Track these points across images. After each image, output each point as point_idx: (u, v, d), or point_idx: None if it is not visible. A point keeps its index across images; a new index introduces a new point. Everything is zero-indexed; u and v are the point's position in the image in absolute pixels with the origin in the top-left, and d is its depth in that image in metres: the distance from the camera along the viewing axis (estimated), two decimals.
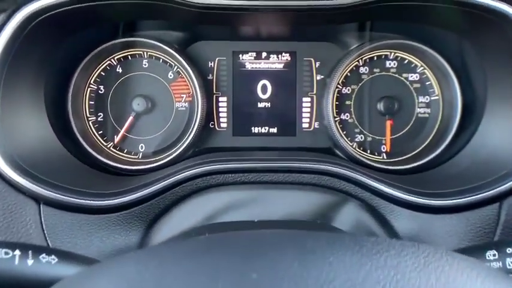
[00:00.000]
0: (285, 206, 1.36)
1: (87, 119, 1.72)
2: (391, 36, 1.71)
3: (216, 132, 1.76)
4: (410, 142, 1.75)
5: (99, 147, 1.71)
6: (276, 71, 1.77)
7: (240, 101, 1.77)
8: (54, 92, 1.57)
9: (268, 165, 1.43)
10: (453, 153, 1.63)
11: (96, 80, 1.72)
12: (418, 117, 1.76)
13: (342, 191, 1.40)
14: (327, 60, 1.75)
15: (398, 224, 1.37)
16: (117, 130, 1.72)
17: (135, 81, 1.72)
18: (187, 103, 1.73)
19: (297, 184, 1.41)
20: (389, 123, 1.73)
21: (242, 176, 1.41)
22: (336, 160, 1.52)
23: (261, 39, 1.75)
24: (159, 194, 1.36)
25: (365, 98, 1.75)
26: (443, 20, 1.49)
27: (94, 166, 1.61)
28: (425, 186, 1.43)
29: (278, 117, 1.78)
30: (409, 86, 1.75)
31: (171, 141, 1.73)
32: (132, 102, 1.69)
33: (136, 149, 1.74)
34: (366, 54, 1.74)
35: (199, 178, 1.38)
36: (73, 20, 1.44)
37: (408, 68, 1.75)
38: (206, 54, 1.74)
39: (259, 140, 1.77)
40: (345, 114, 1.75)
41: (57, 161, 1.48)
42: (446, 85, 1.71)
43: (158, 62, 1.73)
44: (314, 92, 1.76)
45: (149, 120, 1.73)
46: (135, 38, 1.68)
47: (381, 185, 1.39)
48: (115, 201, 1.33)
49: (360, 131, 1.76)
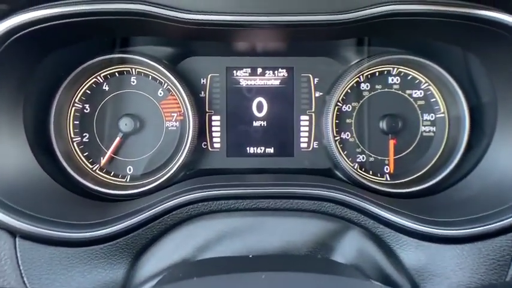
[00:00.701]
0: (283, 235, 1.29)
1: (72, 140, 1.63)
2: (393, 51, 1.64)
3: (209, 153, 1.68)
4: (415, 163, 1.68)
5: (83, 170, 1.62)
6: (272, 87, 1.70)
7: (234, 120, 1.69)
8: (35, 111, 1.49)
9: (264, 191, 1.35)
10: (461, 176, 1.55)
11: (81, 98, 1.64)
12: (423, 136, 1.68)
13: (343, 218, 1.33)
14: (326, 76, 1.68)
15: (405, 255, 1.29)
16: (103, 151, 1.64)
17: (122, 100, 1.64)
18: (178, 122, 1.66)
19: (295, 211, 1.34)
20: (393, 143, 1.66)
21: (237, 202, 1.34)
22: (337, 184, 1.44)
23: (256, 55, 1.68)
24: (146, 223, 1.29)
25: (366, 116, 1.67)
26: (450, 35, 1.41)
27: (78, 192, 1.52)
28: (433, 213, 1.34)
29: (275, 136, 1.70)
30: (413, 103, 1.68)
31: (161, 162, 1.65)
32: (120, 122, 1.61)
33: (124, 172, 1.65)
34: (367, 70, 1.66)
35: (190, 205, 1.32)
36: (56, 36, 1.36)
37: (412, 84, 1.68)
38: (198, 70, 1.67)
39: (254, 161, 1.69)
40: (345, 133, 1.68)
41: (36, 188, 1.39)
42: (453, 102, 1.64)
43: (147, 79, 1.65)
44: (313, 109, 1.69)
45: (138, 140, 1.65)
46: (122, 54, 1.61)
47: (385, 212, 1.31)
48: (99, 233, 1.25)
49: (361, 151, 1.68)
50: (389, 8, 1.25)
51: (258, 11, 1.27)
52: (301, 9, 1.27)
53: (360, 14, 1.25)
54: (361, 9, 1.25)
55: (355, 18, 1.26)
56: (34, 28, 1.25)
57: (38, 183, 1.41)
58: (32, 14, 1.23)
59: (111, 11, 1.24)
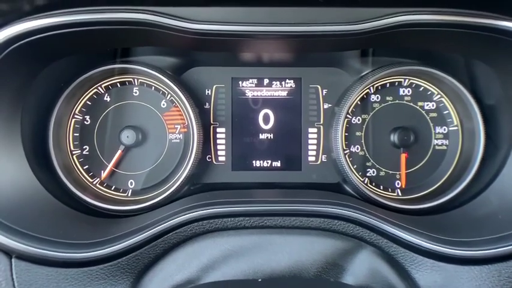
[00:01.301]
0: (291, 255, 1.24)
1: (71, 153, 1.58)
2: (404, 62, 1.59)
3: (214, 166, 1.64)
4: (427, 177, 1.63)
5: (83, 185, 1.57)
6: (279, 99, 1.65)
7: (240, 132, 1.65)
8: (33, 123, 1.44)
9: (272, 208, 1.30)
10: (477, 191, 1.49)
11: (81, 109, 1.59)
12: (436, 149, 1.64)
13: (354, 237, 1.29)
14: (335, 88, 1.63)
15: (420, 276, 1.24)
16: (104, 165, 1.59)
17: (124, 111, 1.60)
18: (182, 135, 1.61)
19: (304, 229, 1.29)
20: (404, 157, 1.60)
21: (243, 220, 1.28)
22: (347, 200, 1.40)
23: (262, 65, 1.63)
24: (149, 242, 1.24)
25: (377, 129, 1.63)
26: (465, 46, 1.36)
27: (77, 207, 1.47)
28: (449, 232, 1.29)
29: (281, 149, 1.65)
30: (425, 115, 1.64)
31: (164, 176, 1.61)
32: (121, 134, 1.56)
33: (125, 186, 1.60)
34: (378, 81, 1.62)
35: (195, 223, 1.27)
36: (57, 46, 1.32)
37: (424, 95, 1.64)
38: (203, 81, 1.63)
39: (261, 175, 1.64)
40: (355, 146, 1.63)
41: (33, 204, 1.34)
42: (466, 114, 1.59)
43: (150, 90, 1.61)
44: (321, 122, 1.64)
45: (140, 153, 1.60)
46: (124, 63, 1.56)
47: (399, 230, 1.26)
48: (99, 252, 1.19)
49: (371, 165, 1.63)
50: (405, 18, 1.21)
51: (267, 21, 1.22)
52: (312, 20, 1.23)
53: (375, 24, 1.21)
54: (376, 19, 1.20)
55: (370, 28, 1.21)
56: (34, 37, 1.21)
57: (35, 199, 1.36)
58: (32, 23, 1.19)
59: (114, 21, 1.20)
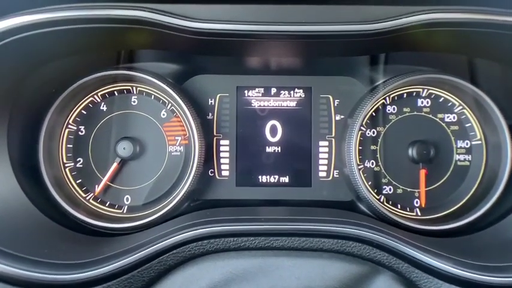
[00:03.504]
0: (300, 280, 1.15)
1: (63, 166, 1.51)
2: (422, 70, 1.50)
3: (216, 181, 1.56)
4: (449, 195, 1.54)
5: (75, 200, 1.50)
6: (287, 109, 1.58)
7: (245, 145, 1.57)
8: (22, 132, 1.38)
9: (279, 228, 1.21)
10: (506, 210, 1.40)
11: (75, 119, 1.53)
12: (457, 165, 1.54)
13: (371, 260, 1.19)
14: (347, 98, 1.56)
15: None
16: (98, 179, 1.52)
17: (121, 121, 1.53)
18: (183, 147, 1.54)
19: (314, 251, 1.20)
20: (424, 173, 1.51)
21: (247, 240, 1.20)
22: (362, 219, 1.30)
23: (270, 73, 1.57)
24: (142, 264, 1.16)
25: (393, 143, 1.54)
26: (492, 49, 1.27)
27: (67, 225, 1.39)
28: (476, 255, 1.20)
29: (290, 164, 1.57)
30: (446, 128, 1.55)
31: (163, 192, 1.53)
32: (117, 146, 1.49)
33: (120, 202, 1.53)
34: (394, 91, 1.54)
35: (194, 243, 1.18)
36: (48, 46, 1.25)
37: (444, 107, 1.55)
38: (206, 89, 1.56)
39: (267, 192, 1.56)
40: (369, 161, 1.54)
41: (19, 220, 1.27)
42: (491, 127, 1.50)
43: (149, 99, 1.55)
44: (333, 134, 1.56)
45: (137, 167, 1.53)
46: (123, 70, 1.49)
47: (422, 253, 1.16)
48: (88, 274, 1.12)
49: (388, 182, 1.54)
50: (430, 16, 1.13)
51: (274, 20, 1.14)
52: (323, 19, 1.16)
53: (393, 24, 1.13)
54: (394, 18, 1.12)
55: (387, 28, 1.13)
56: (24, 35, 1.14)
57: (21, 215, 1.30)
58: (21, 18, 1.12)
59: (107, 18, 1.14)
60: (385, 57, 1.50)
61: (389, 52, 1.45)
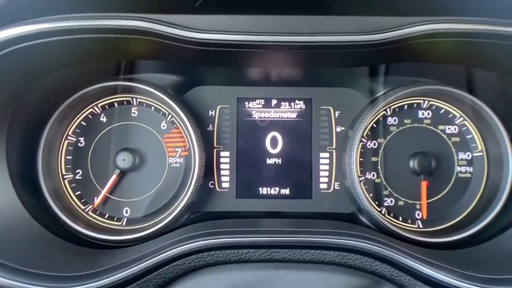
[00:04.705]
0: None
1: (62, 178, 1.50)
2: (423, 81, 1.50)
3: (217, 193, 1.55)
4: (451, 208, 1.52)
5: (74, 212, 1.48)
6: (288, 121, 1.57)
7: (246, 157, 1.56)
8: (21, 143, 1.37)
9: (280, 240, 1.20)
10: (507, 223, 1.38)
11: (75, 130, 1.52)
12: (459, 177, 1.53)
13: (373, 273, 1.18)
14: (348, 109, 1.56)
15: None
16: (97, 190, 1.51)
17: (121, 133, 1.52)
18: (183, 158, 1.53)
19: (316, 263, 1.19)
20: (425, 185, 1.50)
21: (248, 252, 1.18)
22: (363, 232, 1.29)
23: (270, 84, 1.56)
24: (141, 277, 1.15)
25: (394, 154, 1.53)
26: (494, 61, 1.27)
27: (66, 237, 1.38)
28: (478, 268, 1.18)
29: (290, 176, 1.56)
30: (447, 140, 1.54)
31: (162, 204, 1.52)
32: (117, 157, 1.48)
33: (119, 214, 1.51)
34: (395, 103, 1.53)
35: (194, 255, 1.17)
36: (49, 57, 1.24)
37: (445, 118, 1.55)
38: (206, 101, 1.55)
39: (267, 204, 1.55)
40: (370, 173, 1.53)
41: (18, 234, 1.26)
42: (492, 139, 1.49)
43: (149, 110, 1.54)
44: (333, 146, 1.56)
45: (136, 178, 1.52)
46: (123, 81, 1.49)
47: (424, 266, 1.15)
48: (86, 287, 1.10)
49: (389, 194, 1.53)
50: (431, 27, 1.13)
51: (274, 30, 1.14)
52: (324, 29, 1.16)
53: (395, 34, 1.13)
54: (395, 29, 1.11)
55: (388, 39, 1.13)
56: (24, 45, 1.13)
57: (20, 227, 1.29)
58: (22, 28, 1.12)
59: (106, 28, 1.13)
60: (385, 68, 1.49)
61: (390, 63, 1.44)
